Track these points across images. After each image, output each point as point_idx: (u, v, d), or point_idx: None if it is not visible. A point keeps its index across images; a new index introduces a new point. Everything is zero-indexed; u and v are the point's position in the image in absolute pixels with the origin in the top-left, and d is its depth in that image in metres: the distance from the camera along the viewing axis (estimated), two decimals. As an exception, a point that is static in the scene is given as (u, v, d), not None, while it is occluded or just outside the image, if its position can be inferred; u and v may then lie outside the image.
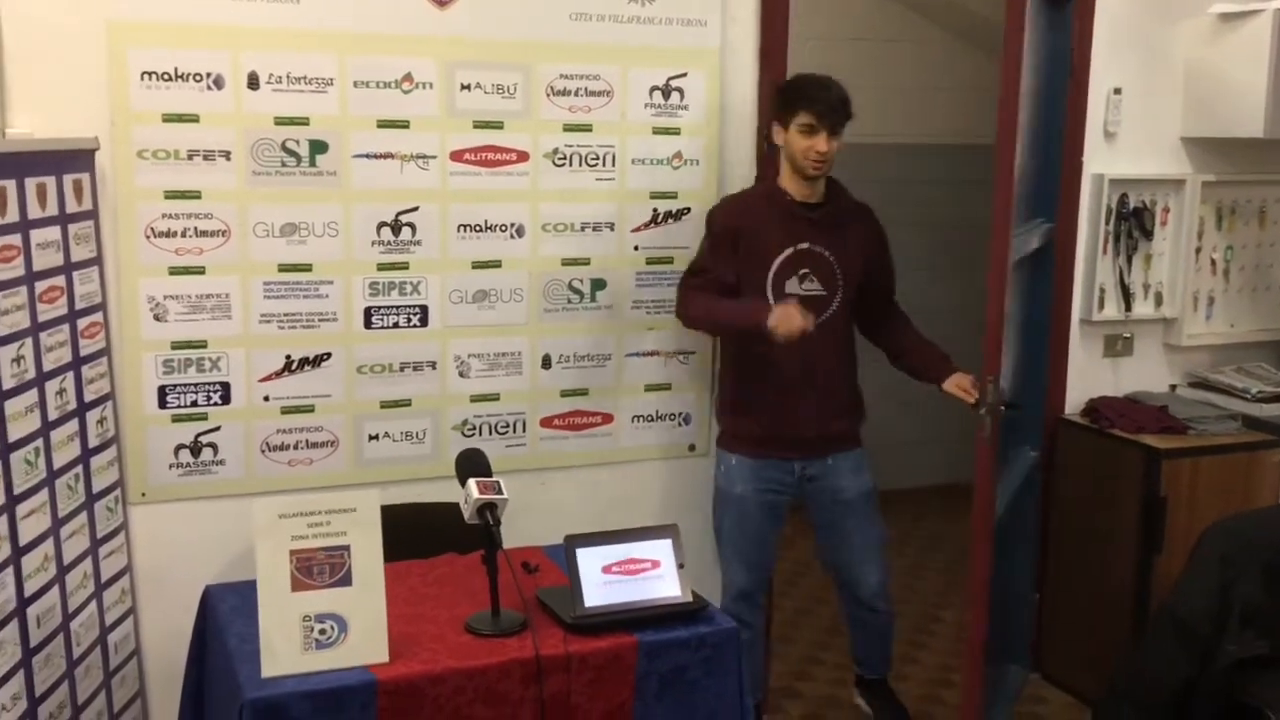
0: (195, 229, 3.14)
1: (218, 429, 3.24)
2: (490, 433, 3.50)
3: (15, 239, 2.57)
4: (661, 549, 2.58)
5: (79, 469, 2.85)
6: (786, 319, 3.11)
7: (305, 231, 3.23)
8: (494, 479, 2.54)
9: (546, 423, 3.57)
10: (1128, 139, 4.10)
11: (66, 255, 2.82)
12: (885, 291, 3.53)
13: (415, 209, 3.33)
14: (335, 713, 2.23)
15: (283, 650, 2.27)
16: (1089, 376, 4.23)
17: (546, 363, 3.54)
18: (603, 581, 2.51)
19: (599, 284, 3.56)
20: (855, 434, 3.49)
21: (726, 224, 3.33)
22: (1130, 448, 3.89)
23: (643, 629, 2.48)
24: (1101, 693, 3.44)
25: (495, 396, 3.50)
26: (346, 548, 2.32)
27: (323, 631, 2.29)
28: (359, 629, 2.31)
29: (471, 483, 2.51)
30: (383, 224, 3.30)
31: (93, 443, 2.93)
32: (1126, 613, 3.87)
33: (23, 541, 2.55)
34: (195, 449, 3.23)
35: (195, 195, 3.12)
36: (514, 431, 3.53)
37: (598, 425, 3.63)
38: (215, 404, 3.23)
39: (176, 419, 3.20)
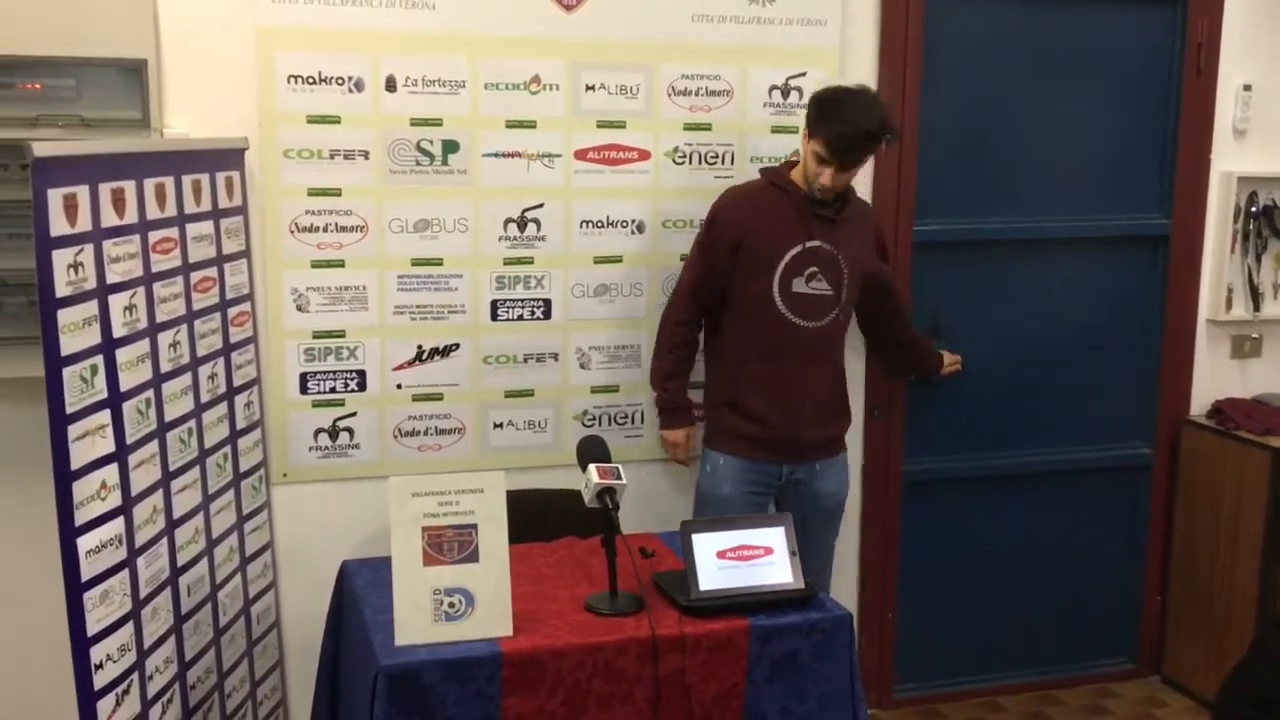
0: (336, 224, 3.31)
1: (354, 414, 3.41)
2: (609, 423, 3.61)
3: (173, 232, 2.76)
4: (775, 536, 2.65)
5: (227, 449, 3.04)
6: (670, 448, 3.37)
7: (437, 227, 3.38)
8: (614, 465, 2.64)
9: (668, 420, 3.66)
10: (1257, 136, 4.04)
11: (218, 248, 3.01)
12: (889, 285, 3.53)
13: (540, 206, 3.45)
14: (463, 682, 2.36)
15: (415, 621, 2.40)
16: (1215, 377, 4.18)
17: (666, 355, 3.62)
18: (717, 566, 2.59)
19: (716, 280, 3.64)
20: (842, 439, 3.49)
21: (732, 221, 3.24)
22: (1257, 450, 3.84)
23: (755, 613, 2.55)
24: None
25: (615, 388, 3.61)
26: (474, 526, 2.45)
27: (451, 605, 2.42)
28: (485, 603, 2.43)
29: (592, 468, 2.61)
30: (509, 220, 3.44)
31: (240, 425, 3.12)
32: (1250, 616, 3.81)
33: (176, 515, 2.73)
34: (333, 433, 3.41)
35: (336, 193, 3.29)
36: (632, 422, 3.63)
37: (714, 417, 3.71)
38: (352, 391, 3.40)
39: (316, 404, 3.38)
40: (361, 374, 3.40)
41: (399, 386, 3.43)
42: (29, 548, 2.91)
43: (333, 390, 3.39)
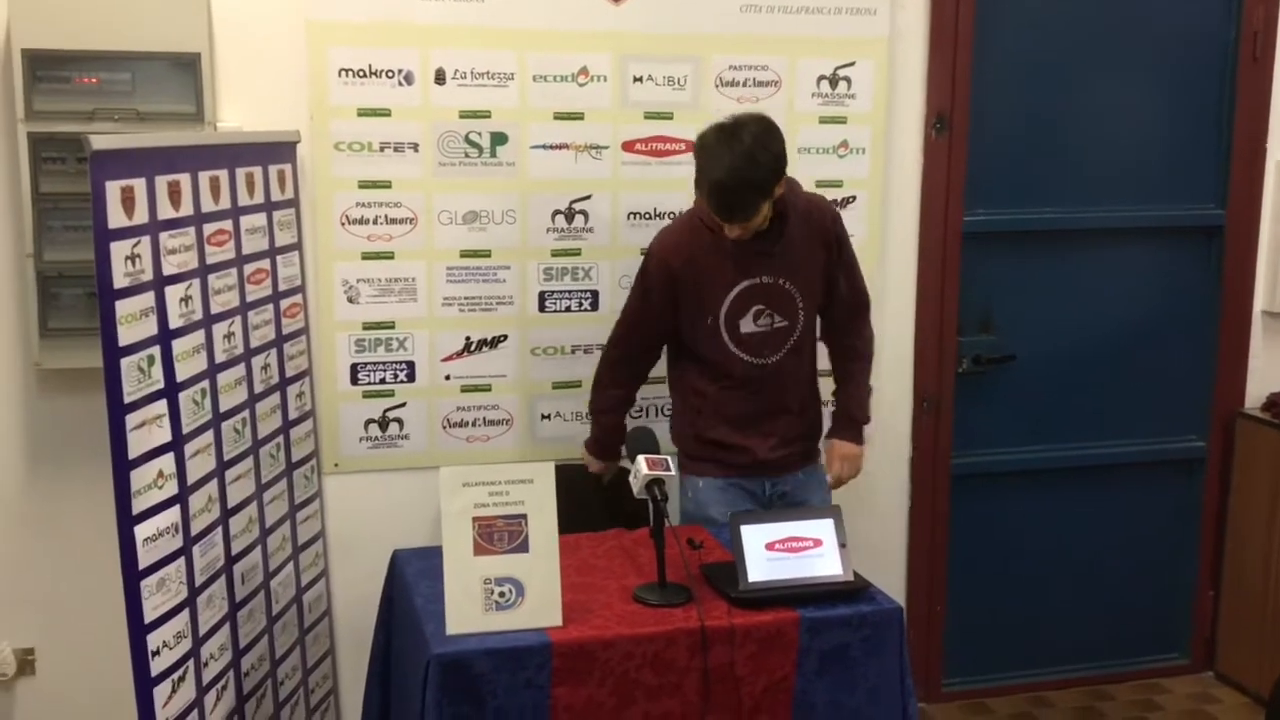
0: (385, 216, 3.33)
1: (403, 405, 3.44)
2: (657, 414, 3.61)
3: (227, 224, 2.79)
4: (824, 528, 2.64)
5: (280, 439, 3.07)
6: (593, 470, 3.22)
7: (485, 219, 3.39)
8: (663, 456, 2.64)
9: (714, 408, 3.65)
10: (1316, 125, 3.97)
11: (271, 240, 3.04)
12: (850, 303, 3.18)
13: (588, 197, 3.46)
14: (514, 671, 2.37)
15: (466, 610, 2.42)
16: (1271, 369, 4.12)
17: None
18: (766, 558, 2.59)
19: (765, 272, 3.62)
20: (818, 445, 3.31)
21: (664, 265, 2.98)
22: (1313, 443, 3.78)
23: (805, 605, 2.55)
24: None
25: (662, 379, 3.57)
26: (524, 516, 2.46)
27: (502, 594, 2.43)
28: (535, 593, 2.44)
29: (641, 459, 2.61)
30: (557, 212, 3.44)
31: (292, 415, 3.15)
32: (1306, 613, 3.76)
33: (230, 504, 2.77)
34: (383, 423, 3.43)
35: (386, 185, 3.31)
36: (681, 414, 3.63)
37: (762, 410, 3.70)
38: (402, 382, 3.42)
39: (367, 395, 3.41)
40: (411, 365, 3.42)
41: (447, 378, 3.45)
42: (91, 536, 2.96)
43: (382, 381, 3.41)
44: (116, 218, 2.31)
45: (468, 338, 3.44)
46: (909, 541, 3.95)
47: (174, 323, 2.52)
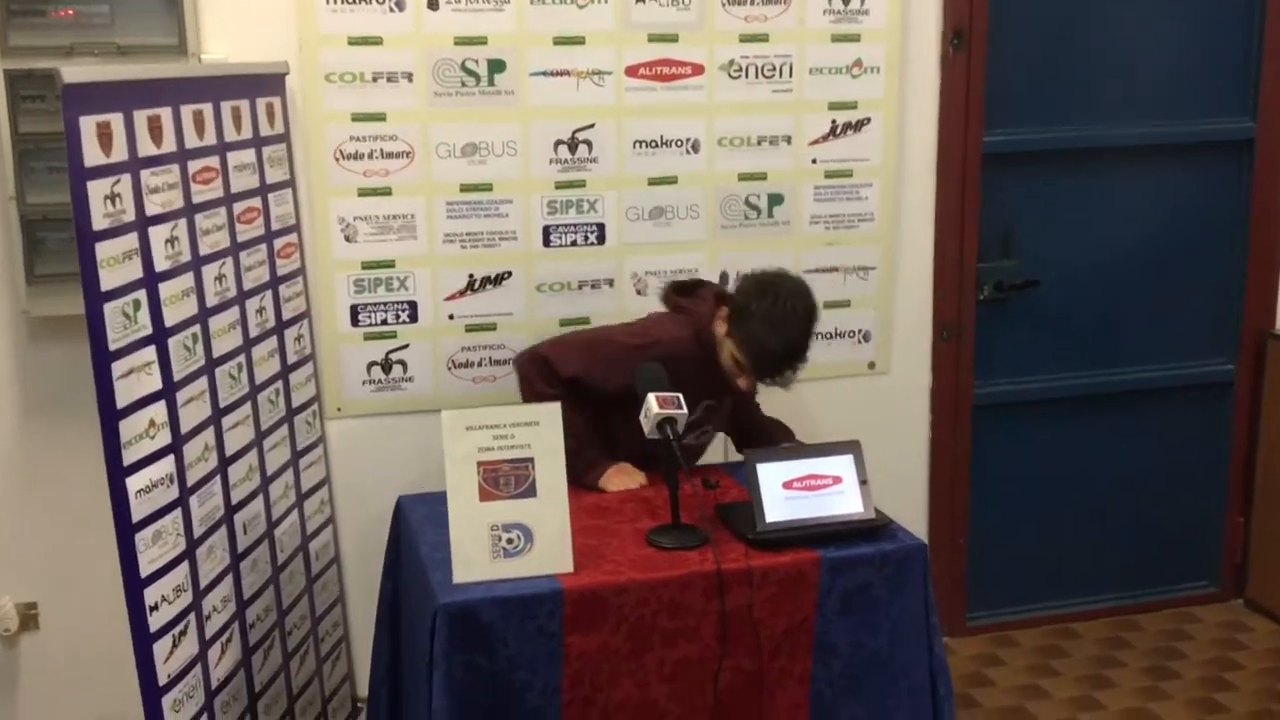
0: (381, 150, 3.20)
1: (406, 346, 3.33)
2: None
3: (214, 161, 2.67)
4: (843, 465, 2.54)
5: (279, 384, 2.97)
6: (620, 481, 2.82)
7: (485, 151, 3.26)
8: (674, 394, 2.54)
9: (725, 340, 3.54)
10: (1352, 31, 3.79)
11: (261, 177, 2.92)
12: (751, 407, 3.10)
13: (591, 126, 3.32)
14: (524, 619, 2.29)
15: (473, 558, 2.33)
16: (1303, 289, 3.98)
17: (724, 279, 3.50)
18: (784, 497, 2.49)
19: (776, 199, 3.50)
20: None
21: (665, 358, 2.74)
22: (1347, 364, 3.65)
23: (825, 545, 2.46)
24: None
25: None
26: (530, 460, 2.36)
27: (510, 541, 2.34)
28: (544, 539, 2.35)
29: (651, 397, 2.51)
30: (560, 142, 3.31)
31: (291, 359, 3.05)
32: (1340, 539, 3.66)
33: (229, 452, 2.67)
34: (386, 366, 3.33)
35: (380, 117, 3.18)
36: (692, 349, 3.52)
37: (776, 342, 3.58)
38: (404, 322, 3.31)
39: (368, 337, 3.30)
40: (413, 305, 3.31)
41: (451, 317, 3.34)
42: (90, 487, 2.86)
43: (384, 322, 3.30)
44: (93, 155, 2.19)
45: (471, 275, 3.32)
46: (930, 474, 3.85)
47: (160, 265, 2.41)
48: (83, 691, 3.15)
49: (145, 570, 2.31)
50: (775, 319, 2.70)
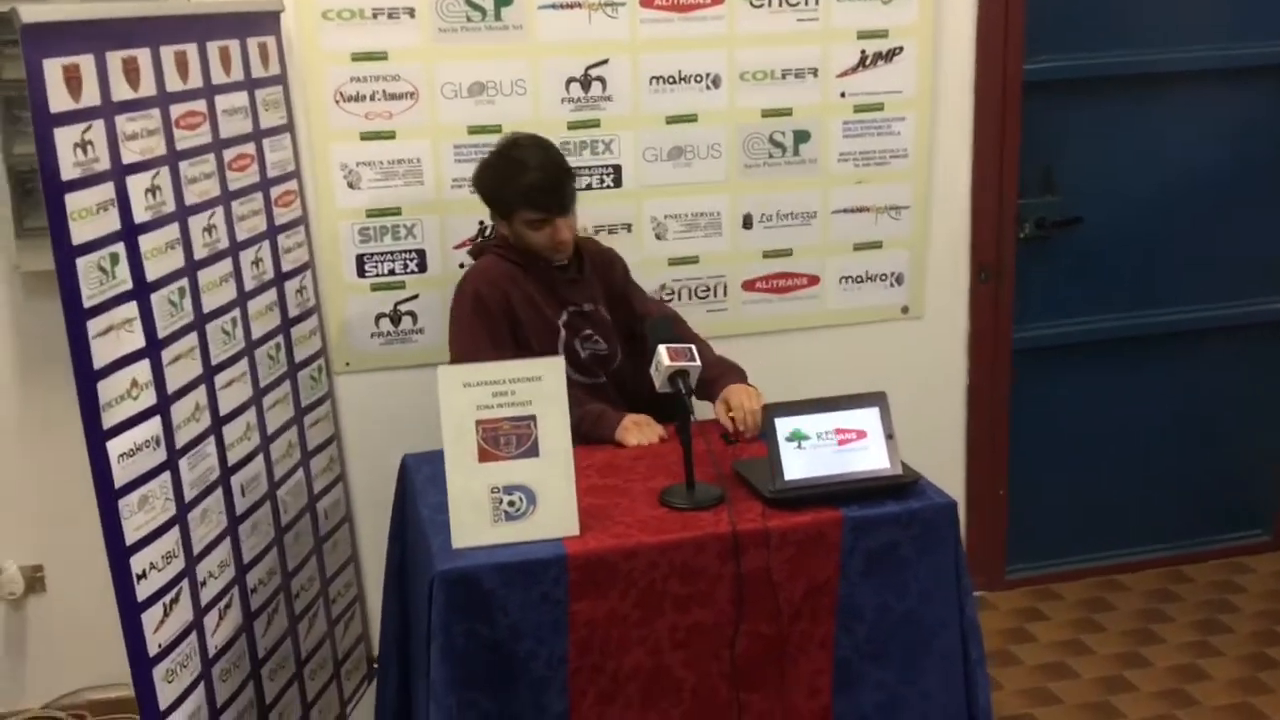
0: (384, 92, 3.05)
1: (415, 297, 3.20)
2: (690, 297, 3.35)
3: (200, 105, 2.53)
4: (868, 418, 2.38)
5: (279, 339, 2.85)
6: (639, 434, 2.64)
7: (493, 91, 3.10)
8: (686, 345, 2.39)
9: (749, 285, 3.39)
10: None
11: (255, 122, 2.78)
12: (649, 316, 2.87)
13: (605, 62, 3.15)
14: (527, 586, 2.16)
15: (472, 521, 2.20)
16: (1367, 223, 3.75)
17: (747, 222, 3.34)
18: (804, 453, 2.33)
19: (802, 136, 3.31)
20: None
21: (493, 296, 2.72)
22: None
23: (848, 503, 2.30)
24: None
25: (694, 259, 3.33)
26: (532, 418, 2.22)
27: (511, 503, 2.21)
28: (548, 501, 2.22)
29: (661, 349, 2.36)
30: (572, 80, 3.14)
31: (293, 312, 2.93)
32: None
33: (223, 411, 2.56)
34: (395, 317, 3.20)
35: (382, 56, 3.03)
36: (715, 295, 3.37)
37: (803, 287, 3.43)
38: (412, 272, 3.18)
39: (376, 287, 3.17)
40: (421, 253, 3.17)
41: (461, 266, 3.19)
42: (84, 448, 2.77)
43: (391, 272, 3.17)
44: (60, 100, 2.06)
45: (481, 222, 3.17)
46: (968, 422, 3.68)
47: (140, 216, 2.28)
48: (90, 653, 3.07)
49: (131, 537, 2.21)
50: (503, 161, 2.72)
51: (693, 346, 2.38)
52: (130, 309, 2.23)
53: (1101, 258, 3.64)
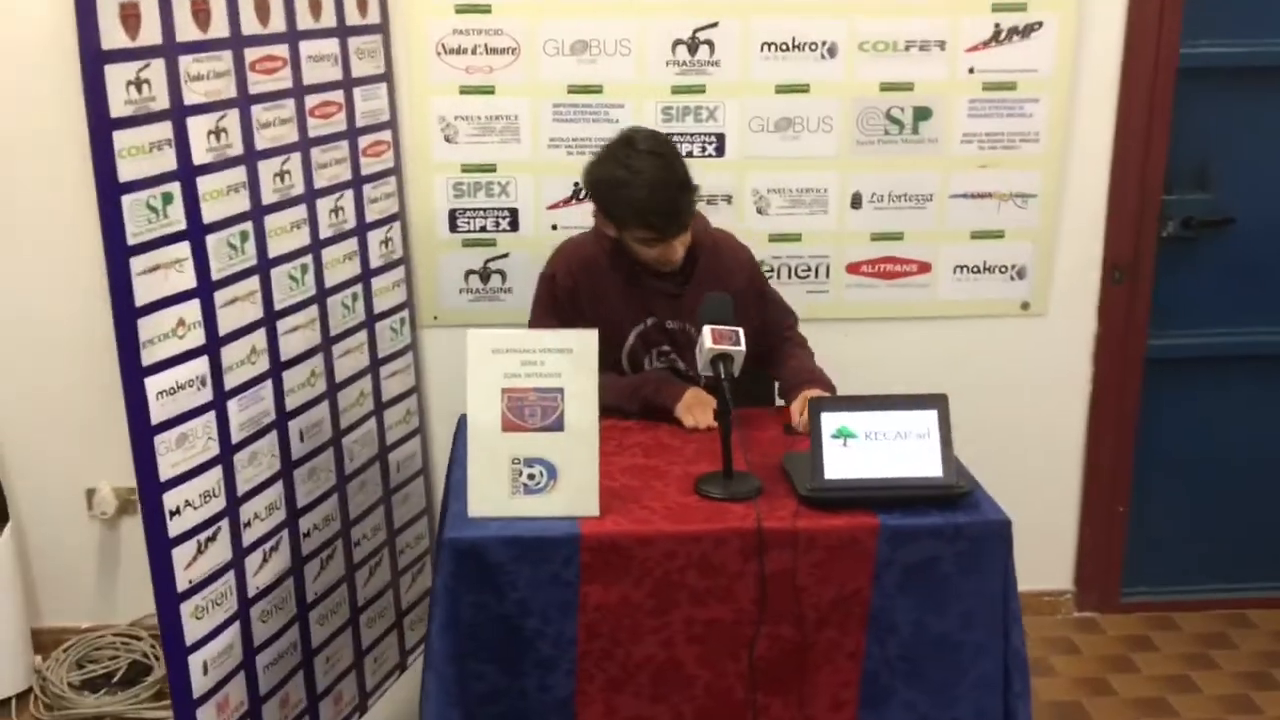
0: (485, 46, 3.01)
1: (505, 256, 3.17)
2: (789, 276, 3.21)
3: (281, 50, 2.53)
4: (925, 421, 2.22)
5: (357, 288, 2.85)
6: (692, 413, 2.49)
7: (596, 50, 3.02)
8: (733, 329, 2.27)
9: (854, 268, 3.22)
10: None
11: (346, 70, 2.77)
12: (771, 333, 2.73)
13: (714, 25, 3.02)
14: (536, 564, 2.10)
15: (491, 491, 2.15)
16: None
17: (856, 201, 3.17)
18: (850, 452, 2.19)
19: (923, 113, 3.11)
20: None
21: (567, 288, 2.63)
22: None
23: (889, 510, 2.15)
24: None
25: (796, 236, 3.19)
26: (560, 390, 2.15)
27: (531, 476, 2.15)
28: (569, 478, 2.15)
29: (706, 330, 2.25)
30: (678, 42, 3.03)
31: (375, 263, 2.93)
32: None
33: (285, 356, 2.58)
34: (484, 275, 3.18)
35: (485, 9, 2.98)
36: (816, 276, 3.22)
37: (913, 274, 3.24)
38: (504, 230, 3.15)
39: (467, 244, 3.15)
40: (514, 212, 3.13)
41: (554, 227, 3.14)
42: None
43: (483, 229, 3.14)
44: (114, 38, 2.08)
45: (576, 184, 3.11)
46: (1088, 431, 3.43)
47: (200, 158, 2.30)
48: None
49: (166, 474, 2.24)
50: (616, 169, 2.47)
51: (739, 330, 2.26)
52: (182, 249, 2.26)
53: (1254, 264, 3.32)
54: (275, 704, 2.62)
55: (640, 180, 2.44)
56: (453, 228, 3.13)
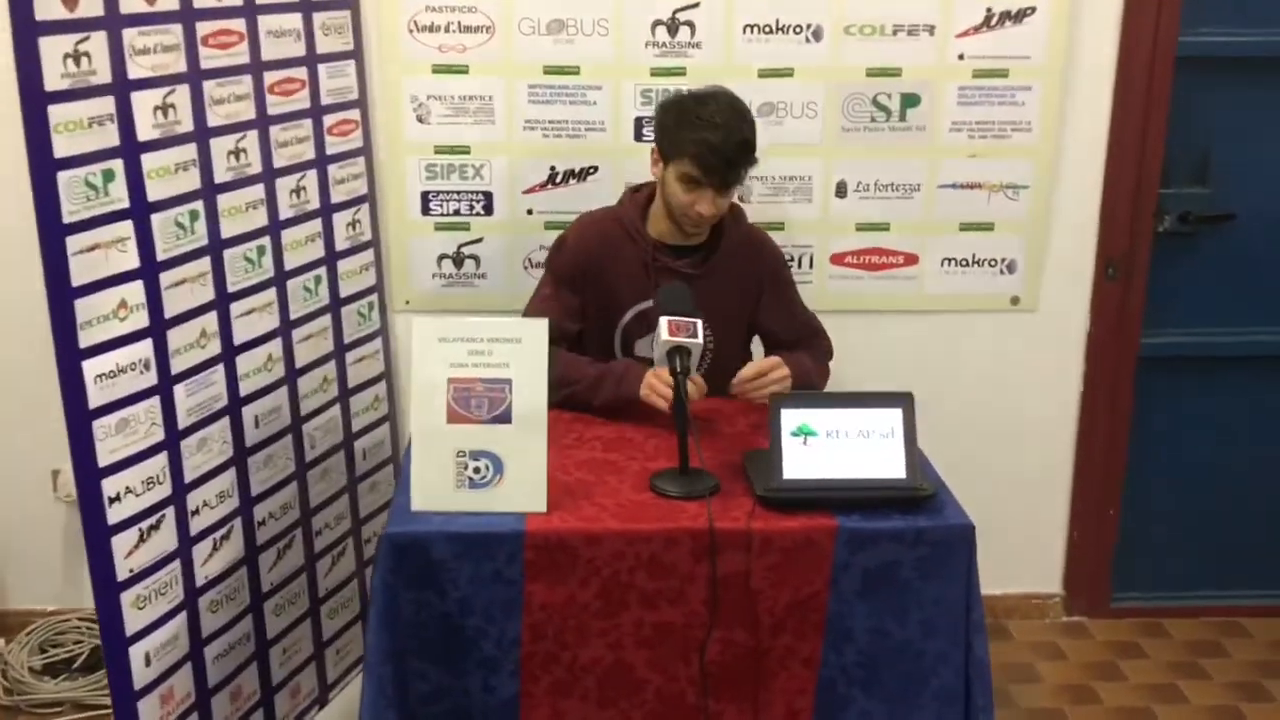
0: (459, 23, 2.93)
1: (480, 241, 3.09)
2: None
3: (236, 24, 2.46)
4: (889, 420, 2.12)
5: (320, 270, 2.78)
6: (655, 392, 2.34)
7: (573, 29, 2.93)
8: (691, 320, 2.18)
9: (837, 259, 3.13)
10: None
11: (309, 45, 2.69)
12: (791, 343, 2.65)
13: (695, 5, 2.93)
14: (479, 560, 2.02)
15: (434, 485, 2.08)
16: None
17: (841, 190, 3.07)
18: (809, 451, 2.11)
19: (911, 99, 3.01)
20: None
21: (576, 259, 2.58)
22: None
23: (849, 512, 2.07)
24: None
25: (780, 225, 3.09)
26: (508, 381, 2.07)
27: (476, 470, 2.07)
28: (515, 472, 2.07)
29: (663, 321, 2.17)
30: (658, 22, 2.94)
31: (341, 246, 2.85)
32: None
33: (238, 340, 2.51)
34: (458, 259, 3.10)
35: (459, -15, 2.90)
36: (799, 267, 3.12)
37: (899, 266, 3.14)
38: (478, 214, 3.07)
39: (439, 227, 3.07)
40: (488, 196, 3.05)
41: (530, 212, 3.06)
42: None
43: (456, 213, 3.06)
44: (49, 8, 2.01)
45: (553, 168, 3.03)
46: (1078, 431, 3.33)
47: (145, 134, 2.22)
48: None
49: (105, 460, 2.18)
50: (693, 104, 2.46)
51: (698, 322, 2.18)
52: (124, 228, 2.19)
53: (1254, 261, 3.21)
54: (225, 696, 2.55)
55: (715, 120, 2.41)
56: (425, 210, 3.05)
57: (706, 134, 2.39)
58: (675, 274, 2.54)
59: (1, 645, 3.14)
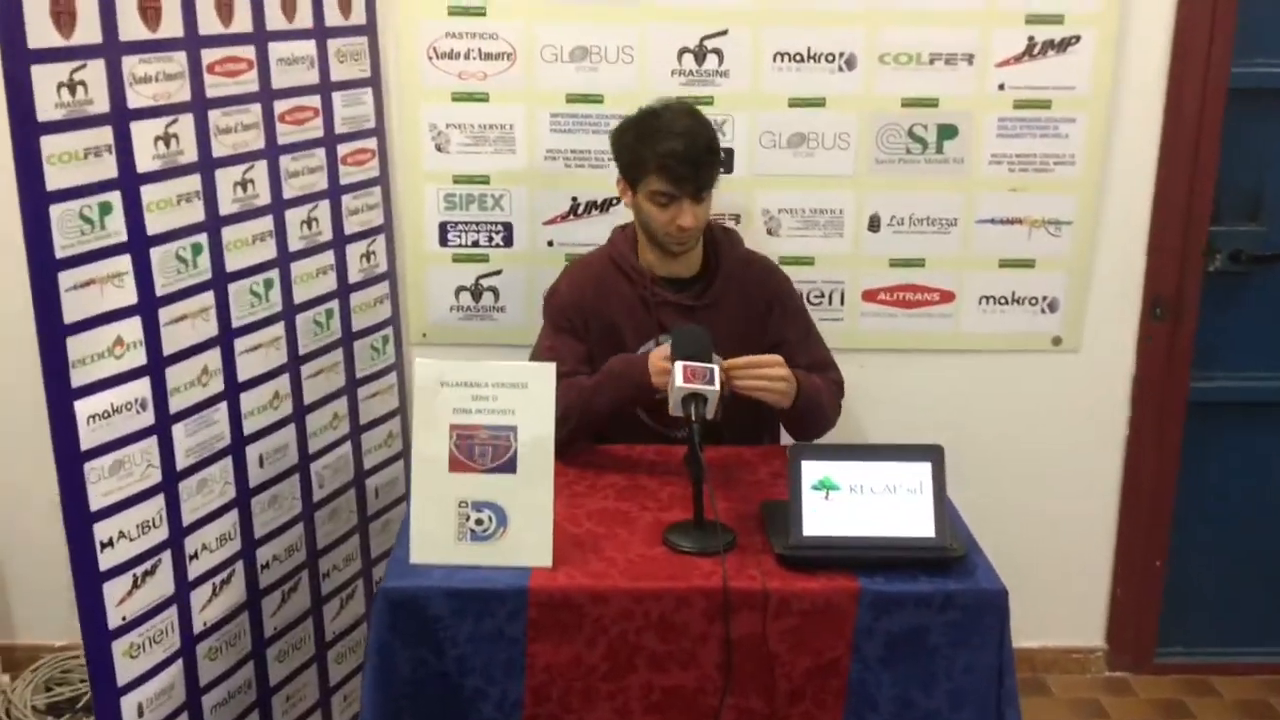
0: (480, 50, 2.84)
1: (499, 273, 2.99)
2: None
3: (245, 51, 2.38)
4: (917, 474, 2.00)
5: (332, 304, 2.69)
6: (661, 374, 2.20)
7: (597, 57, 2.84)
8: (709, 365, 2.07)
9: (870, 296, 3.01)
10: None
11: (324, 73, 2.62)
12: (803, 370, 2.43)
13: (723, 33, 2.83)
14: (479, 618, 1.92)
15: (434, 536, 1.98)
16: None
17: (874, 224, 2.95)
18: (832, 506, 1.98)
19: (948, 131, 2.89)
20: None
21: (573, 304, 2.49)
22: None
23: (873, 573, 1.94)
24: None
25: (809, 260, 2.98)
26: (513, 429, 1.96)
27: (479, 522, 1.97)
28: (519, 524, 1.96)
29: (679, 367, 2.05)
30: (685, 50, 2.84)
31: (354, 278, 2.77)
32: None
33: (243, 377, 2.42)
34: (476, 292, 3.01)
35: (480, 11, 2.81)
36: (829, 303, 3.00)
37: (934, 304, 3.01)
38: (497, 245, 2.97)
39: (458, 259, 2.98)
40: (508, 227, 2.96)
41: (550, 244, 2.96)
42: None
43: (475, 244, 2.97)
44: (42, 35, 1.94)
45: (574, 198, 2.93)
46: (1123, 479, 3.17)
47: (145, 165, 2.15)
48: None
49: (97, 504, 2.10)
50: (647, 119, 2.42)
51: (715, 368, 2.06)
52: (121, 263, 2.11)
53: (1310, 303, 3.06)
54: (224, 746, 2.46)
55: (671, 129, 2.36)
56: (443, 241, 2.97)
57: (670, 143, 2.33)
58: (676, 307, 2.45)
59: (7, 682, 3.07)
